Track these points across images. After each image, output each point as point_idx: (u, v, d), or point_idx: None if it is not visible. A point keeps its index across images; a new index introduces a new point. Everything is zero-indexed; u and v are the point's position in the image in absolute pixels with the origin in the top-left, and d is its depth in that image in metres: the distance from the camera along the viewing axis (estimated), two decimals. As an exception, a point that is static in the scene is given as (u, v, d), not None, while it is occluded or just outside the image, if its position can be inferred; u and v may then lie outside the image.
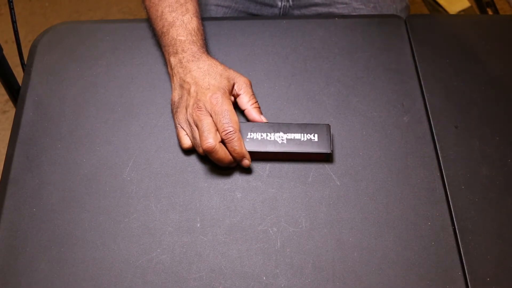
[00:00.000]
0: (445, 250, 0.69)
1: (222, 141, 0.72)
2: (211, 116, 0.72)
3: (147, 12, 0.85)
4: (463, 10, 1.64)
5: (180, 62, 0.77)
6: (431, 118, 0.80)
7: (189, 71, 0.75)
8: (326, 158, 0.76)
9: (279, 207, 0.72)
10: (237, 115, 0.74)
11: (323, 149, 0.74)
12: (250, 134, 0.75)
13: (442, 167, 0.76)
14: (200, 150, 0.73)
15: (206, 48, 0.80)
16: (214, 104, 0.72)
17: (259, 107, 0.78)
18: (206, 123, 0.71)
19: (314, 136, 0.75)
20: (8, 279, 0.67)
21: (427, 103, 0.82)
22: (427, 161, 0.76)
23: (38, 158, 0.76)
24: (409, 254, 0.69)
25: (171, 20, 0.79)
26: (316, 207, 0.72)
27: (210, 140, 0.70)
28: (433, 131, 0.79)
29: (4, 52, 0.92)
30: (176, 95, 0.77)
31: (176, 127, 0.76)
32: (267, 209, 0.72)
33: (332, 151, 0.76)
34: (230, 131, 0.71)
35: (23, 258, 0.68)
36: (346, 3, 1.01)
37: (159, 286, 0.67)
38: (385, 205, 0.72)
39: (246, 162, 0.74)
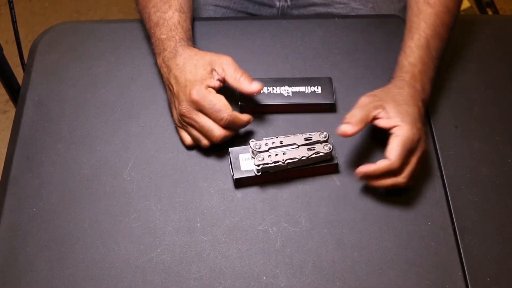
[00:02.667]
0: (445, 250, 0.69)
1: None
2: (200, 110, 0.72)
3: (140, 16, 0.85)
4: (463, 10, 1.64)
5: (163, 61, 0.76)
6: (431, 118, 0.80)
7: (170, 70, 0.75)
8: (329, 109, 0.79)
9: (279, 207, 0.72)
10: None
11: (327, 100, 0.78)
12: None
13: (442, 167, 0.76)
14: (204, 143, 0.74)
15: (187, 39, 0.78)
16: (198, 100, 0.71)
17: (248, 76, 0.75)
18: (201, 121, 0.72)
19: (317, 88, 0.78)
20: (8, 279, 0.67)
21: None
22: (427, 161, 0.76)
23: (38, 158, 0.76)
24: (409, 254, 0.69)
25: (156, 21, 0.79)
26: (316, 207, 0.72)
27: (217, 133, 0.72)
28: (433, 131, 0.79)
29: (4, 52, 0.92)
30: (168, 95, 0.78)
31: (175, 127, 0.77)
32: (267, 209, 0.72)
33: (335, 101, 0.79)
34: (226, 118, 0.71)
35: (23, 258, 0.68)
36: (344, 3, 1.01)
37: (159, 286, 0.67)
38: (385, 205, 0.72)
39: (251, 120, 0.75)
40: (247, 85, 0.74)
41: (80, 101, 0.82)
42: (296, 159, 0.71)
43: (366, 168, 0.70)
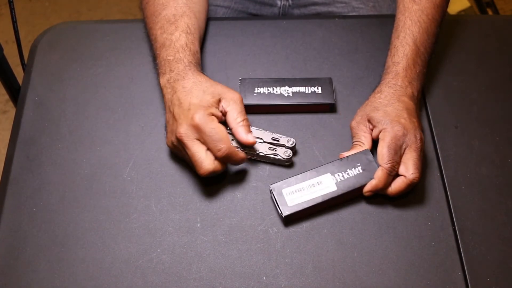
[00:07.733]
0: (445, 250, 0.69)
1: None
2: (197, 139, 0.69)
3: (148, 37, 0.84)
4: (463, 10, 1.64)
5: (168, 82, 0.74)
6: (431, 118, 0.80)
7: (175, 91, 0.72)
8: (330, 109, 0.79)
9: (279, 207, 0.72)
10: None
11: (327, 100, 0.79)
12: (257, 89, 0.79)
13: (442, 167, 0.76)
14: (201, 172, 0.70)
15: (196, 63, 0.76)
16: (199, 124, 0.68)
17: (248, 125, 0.73)
18: (194, 150, 0.68)
19: (318, 88, 0.79)
20: (8, 279, 0.67)
21: (427, 103, 0.82)
22: (427, 161, 0.76)
23: (38, 158, 0.76)
24: (409, 254, 0.69)
25: (162, 42, 0.77)
26: (316, 207, 0.72)
27: (206, 166, 0.68)
28: (433, 131, 0.79)
29: (5, 52, 0.92)
30: (167, 117, 0.74)
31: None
32: (267, 209, 0.72)
33: (335, 102, 0.79)
34: (224, 150, 0.68)
35: (23, 258, 0.68)
36: (345, 2, 1.01)
37: (159, 286, 0.67)
38: (385, 205, 0.72)
39: (245, 159, 0.72)
40: (243, 134, 0.72)
41: (80, 101, 0.82)
42: (253, 152, 0.74)
43: (369, 185, 0.71)
